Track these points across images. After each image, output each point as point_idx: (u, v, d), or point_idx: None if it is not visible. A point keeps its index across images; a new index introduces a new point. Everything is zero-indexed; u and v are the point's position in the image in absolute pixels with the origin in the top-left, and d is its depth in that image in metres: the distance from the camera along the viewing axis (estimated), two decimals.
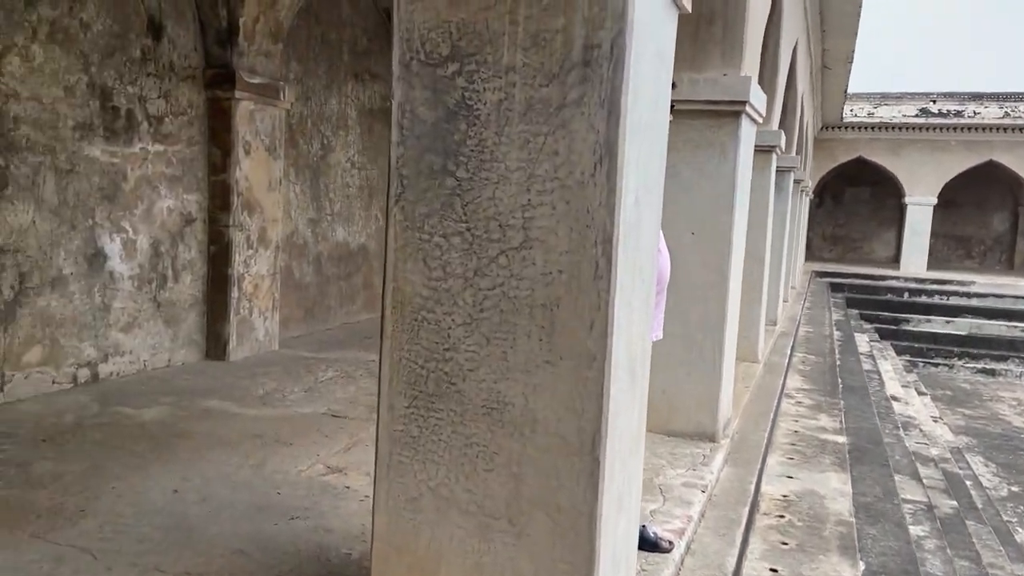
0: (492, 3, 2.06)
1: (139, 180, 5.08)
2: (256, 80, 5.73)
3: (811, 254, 23.73)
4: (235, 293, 5.78)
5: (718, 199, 4.40)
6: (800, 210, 14.52)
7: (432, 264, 2.19)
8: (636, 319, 2.25)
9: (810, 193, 19.05)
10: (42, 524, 2.84)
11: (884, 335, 16.22)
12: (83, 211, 4.68)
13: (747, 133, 4.49)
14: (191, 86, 5.47)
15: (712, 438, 4.48)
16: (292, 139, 6.66)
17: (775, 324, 9.25)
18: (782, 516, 4.08)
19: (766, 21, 5.27)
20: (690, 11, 2.54)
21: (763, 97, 4.56)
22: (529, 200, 2.06)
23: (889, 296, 18.47)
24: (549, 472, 2.07)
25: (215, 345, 5.77)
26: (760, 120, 4.70)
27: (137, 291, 5.13)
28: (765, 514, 4.13)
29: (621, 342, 2.09)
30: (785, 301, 11.22)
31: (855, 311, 17.19)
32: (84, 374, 4.75)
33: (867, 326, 16.31)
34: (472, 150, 2.12)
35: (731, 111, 4.27)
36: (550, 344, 2.06)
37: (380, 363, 2.29)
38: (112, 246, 4.91)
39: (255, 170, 5.87)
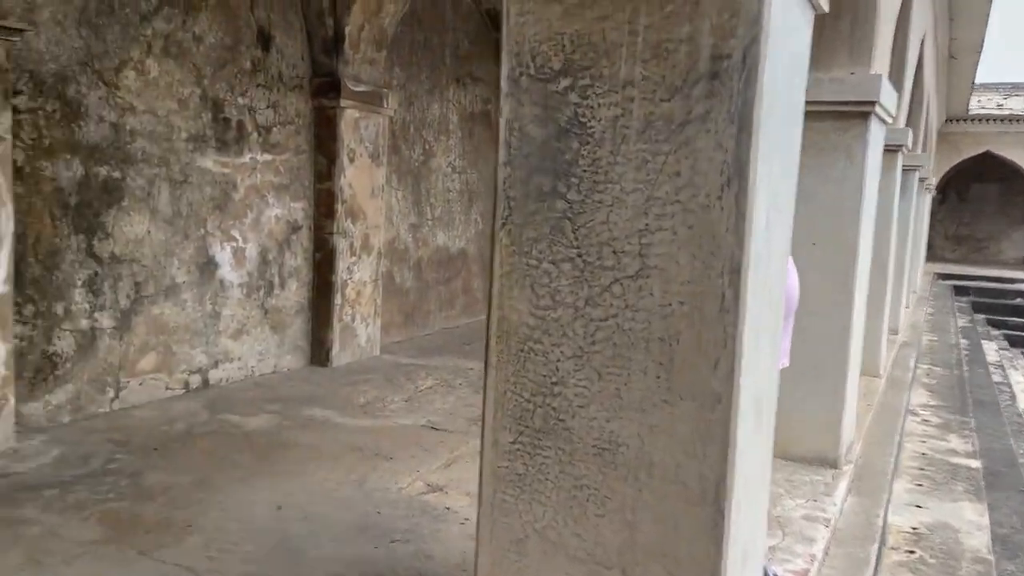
0: (610, 12, 1.89)
1: (248, 189, 5.17)
2: (361, 88, 5.75)
3: (932, 254, 22.36)
4: (338, 300, 5.83)
5: (843, 207, 4.08)
6: (922, 209, 13.65)
7: (540, 292, 2.05)
8: (764, 354, 2.04)
9: (933, 190, 17.93)
10: (150, 540, 2.87)
11: (1014, 343, 15.06)
12: (195, 221, 4.79)
13: (876, 135, 4.15)
14: (298, 95, 5.54)
15: (834, 464, 4.18)
16: (394, 145, 6.67)
17: (896, 333, 8.67)
18: (912, 552, 3.74)
19: (896, 14, 4.87)
20: (827, 11, 2.30)
21: (894, 96, 4.20)
22: (647, 225, 1.89)
23: (1019, 300, 17.17)
24: (667, 521, 1.90)
25: (319, 351, 5.83)
26: (890, 120, 4.34)
27: (246, 298, 5.23)
28: (893, 548, 3.80)
29: (749, 381, 1.89)
30: (906, 307, 10.53)
31: (981, 316, 16.04)
32: (195, 380, 4.87)
33: (995, 333, 15.18)
34: (585, 170, 1.97)
35: (859, 112, 3.94)
36: (669, 382, 1.88)
37: (484, 394, 2.16)
38: (222, 254, 5.01)
39: (359, 177, 5.90)
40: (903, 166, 7.03)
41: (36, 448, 3.69)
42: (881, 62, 4.07)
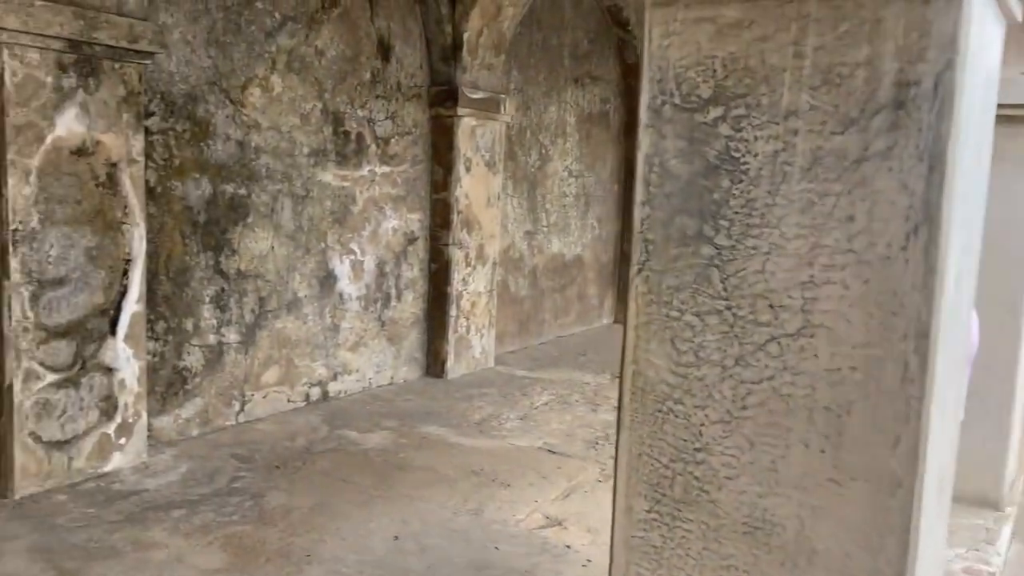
0: (772, 32, 1.66)
1: (367, 202, 5.17)
2: (478, 95, 5.65)
3: None
4: (453, 311, 5.76)
5: (1012, 222, 3.64)
6: None
7: (682, 347, 1.83)
8: (949, 424, 1.76)
9: None
10: (270, 569, 2.85)
11: None
12: (316, 235, 4.82)
13: None
14: (416, 105, 5.49)
15: (995, 505, 3.75)
16: (510, 151, 6.55)
17: None
18: None
19: None
20: (1020, 20, 1.97)
21: None
22: (812, 277, 1.65)
23: None
24: None
25: (434, 363, 5.79)
26: None
27: (364, 311, 5.23)
28: None
29: (934, 462, 1.61)
30: None
31: None
32: (315, 393, 4.91)
33: None
34: (737, 212, 1.74)
35: None
36: (836, 459, 1.63)
37: (616, 454, 1.97)
38: (342, 268, 5.03)
39: (475, 186, 5.80)
40: None
41: (166, 463, 3.78)
42: None
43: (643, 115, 1.88)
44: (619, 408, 1.97)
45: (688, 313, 1.82)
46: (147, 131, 3.78)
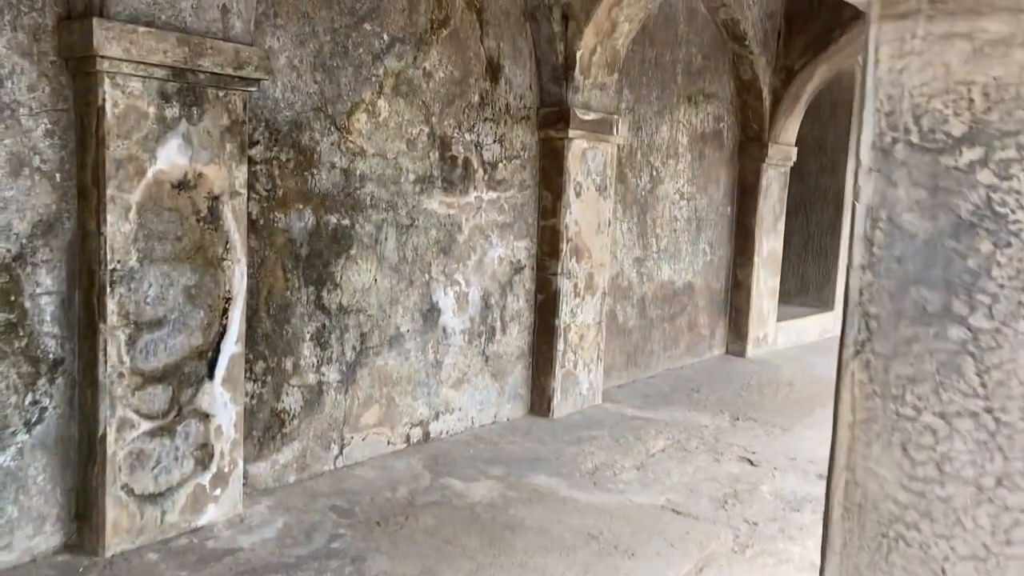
0: None
1: (472, 230, 4.87)
2: (590, 116, 5.29)
3: None
4: (560, 345, 5.39)
5: None
6: None
7: (918, 456, 1.41)
8: None
9: None
10: None
11: None
12: (420, 266, 4.55)
13: None
14: (524, 128, 5.18)
15: None
16: (620, 173, 6.16)
17: None
18: None
19: None
20: None
21: None
22: None
23: None
24: None
25: (539, 400, 5.43)
26: None
27: (467, 345, 4.93)
28: None
29: None
30: None
31: None
32: (416, 434, 4.63)
33: None
34: (1003, 285, 1.30)
35: None
36: None
37: None
38: (446, 300, 4.74)
39: (585, 212, 5.44)
40: None
41: (262, 516, 3.54)
42: None
43: (864, 156, 1.47)
44: (825, 526, 1.55)
45: (928, 413, 1.39)
46: (250, 161, 3.58)
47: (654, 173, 6.58)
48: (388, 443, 4.46)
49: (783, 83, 7.42)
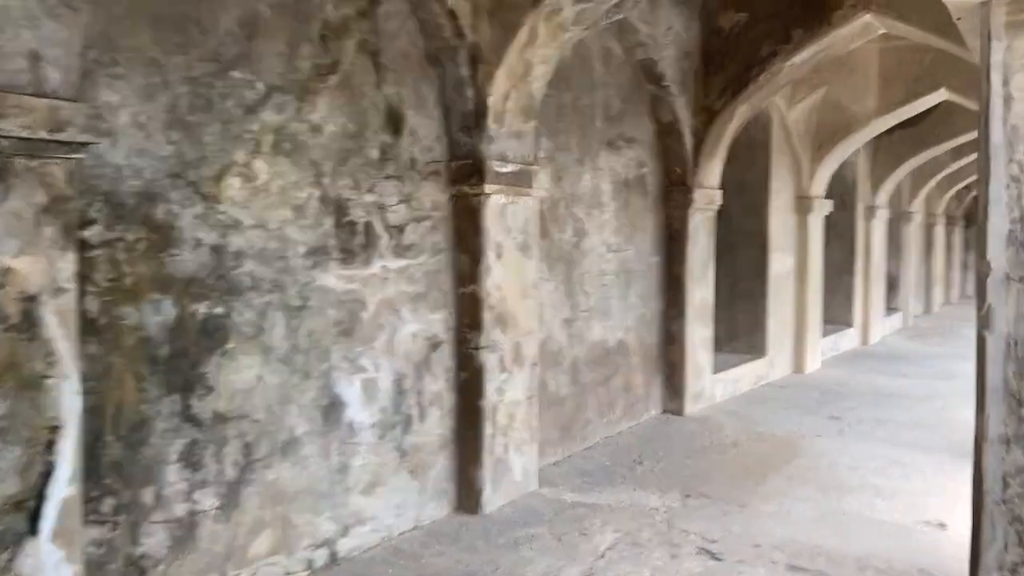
0: None
1: (379, 305, 4.18)
2: (507, 168, 4.71)
3: None
4: (488, 429, 4.72)
5: None
6: None
7: None
8: None
9: None
10: None
11: None
12: (317, 354, 3.82)
13: None
14: (434, 184, 4.55)
15: None
16: (544, 229, 5.60)
17: None
18: None
19: None
20: None
21: None
22: None
23: None
24: None
25: (467, 494, 4.72)
26: None
27: (379, 441, 4.20)
28: None
29: None
30: None
31: None
32: (321, 556, 3.85)
33: None
34: None
35: None
36: None
37: None
38: (351, 391, 4.01)
39: (508, 275, 4.82)
40: None
41: None
42: None
43: (995, 253, 0.89)
44: None
45: None
46: (84, 246, 2.82)
47: (578, 225, 6.05)
48: (287, 574, 3.66)
49: (704, 124, 7.07)
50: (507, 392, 4.87)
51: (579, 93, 5.99)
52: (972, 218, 21.91)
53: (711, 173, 7.31)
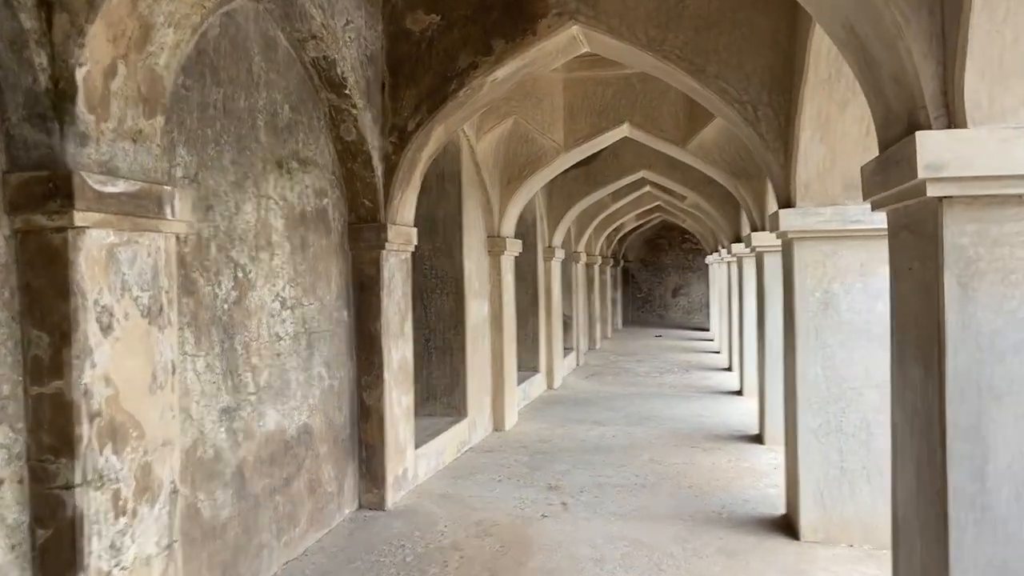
0: None
1: None
2: (118, 188, 2.90)
3: None
4: None
5: None
6: None
7: None
8: None
9: None
10: None
11: None
12: None
13: None
14: None
15: None
16: (187, 281, 3.81)
17: None
18: None
19: None
20: None
21: None
22: None
23: None
24: None
25: None
26: None
27: None
28: None
29: None
30: None
31: None
32: None
33: None
34: None
35: None
36: None
37: None
38: None
39: (125, 360, 2.98)
40: None
41: None
42: None
43: None
44: None
45: None
46: None
47: (239, 275, 4.33)
48: None
49: (396, 147, 5.78)
50: (128, 549, 2.99)
51: (233, 91, 4.31)
52: (619, 257, 23.72)
53: (405, 207, 6.03)
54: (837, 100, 4.67)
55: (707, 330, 23.01)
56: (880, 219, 4.85)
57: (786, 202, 5.14)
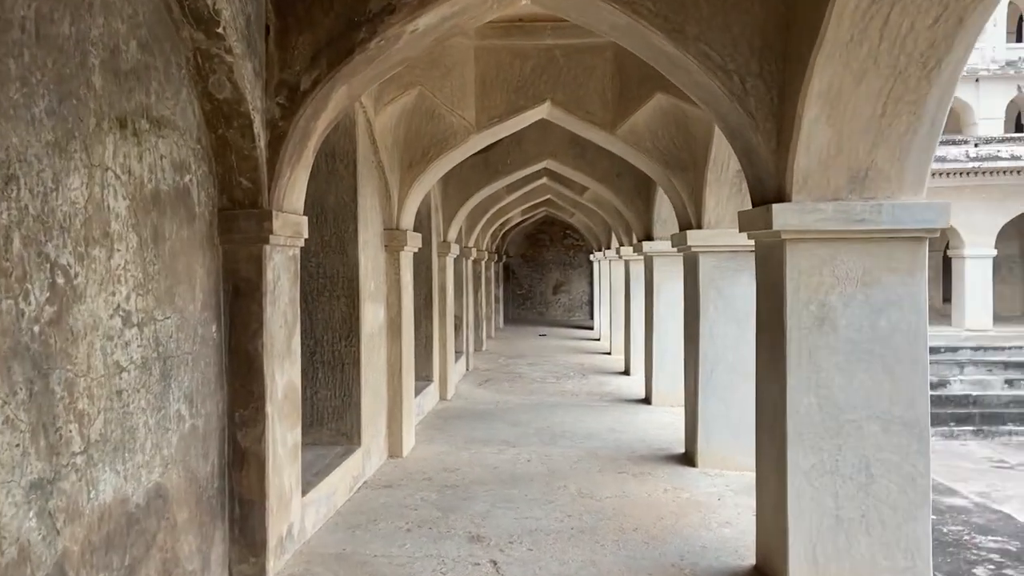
0: None
1: None
2: None
3: None
4: None
5: None
6: None
7: None
8: None
9: None
10: None
11: None
12: None
13: None
14: None
15: None
16: None
17: None
18: None
19: None
20: None
21: None
22: None
23: None
24: None
25: None
26: None
27: None
28: None
29: None
30: None
31: None
32: None
33: None
34: None
35: None
36: None
37: None
38: None
39: None
40: None
41: None
42: None
43: None
44: None
45: None
46: None
47: (61, 280, 2.92)
48: None
49: (285, 111, 4.44)
50: None
51: (52, 8, 2.89)
52: (502, 252, 22.78)
53: (296, 189, 4.71)
54: (854, 70, 3.80)
55: (591, 328, 22.51)
56: (889, 218, 4.16)
57: (777, 196, 4.25)
